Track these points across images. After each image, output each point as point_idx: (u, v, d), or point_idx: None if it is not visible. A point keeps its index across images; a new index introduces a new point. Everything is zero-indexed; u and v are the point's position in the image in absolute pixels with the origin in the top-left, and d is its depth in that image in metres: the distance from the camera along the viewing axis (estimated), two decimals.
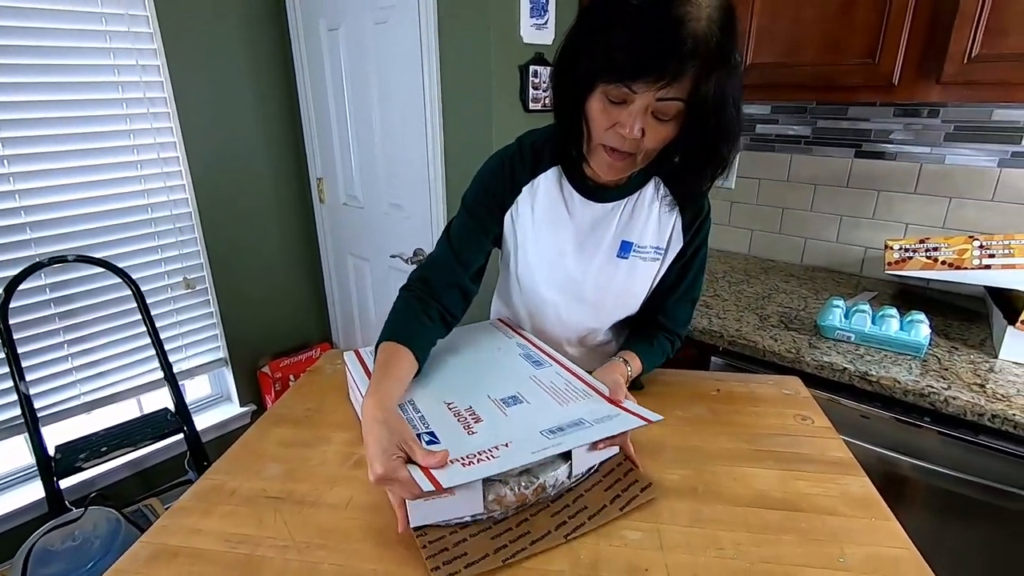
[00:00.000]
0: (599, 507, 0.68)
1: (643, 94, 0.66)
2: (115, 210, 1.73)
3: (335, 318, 2.34)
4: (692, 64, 0.63)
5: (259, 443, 0.84)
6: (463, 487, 0.60)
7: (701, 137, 0.70)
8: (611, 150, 0.73)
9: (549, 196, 0.86)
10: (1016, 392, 1.03)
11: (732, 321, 1.34)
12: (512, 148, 0.88)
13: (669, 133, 0.70)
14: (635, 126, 0.68)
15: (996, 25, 1.09)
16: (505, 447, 0.63)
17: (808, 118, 1.66)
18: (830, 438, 0.85)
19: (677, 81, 0.64)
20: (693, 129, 0.69)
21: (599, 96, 0.69)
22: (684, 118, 0.68)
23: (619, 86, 0.66)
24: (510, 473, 0.64)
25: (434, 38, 1.52)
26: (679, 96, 0.65)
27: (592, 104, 0.71)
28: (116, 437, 1.59)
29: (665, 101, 0.66)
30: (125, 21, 1.63)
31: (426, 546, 0.60)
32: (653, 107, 0.67)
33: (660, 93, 0.65)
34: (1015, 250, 1.16)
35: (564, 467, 0.67)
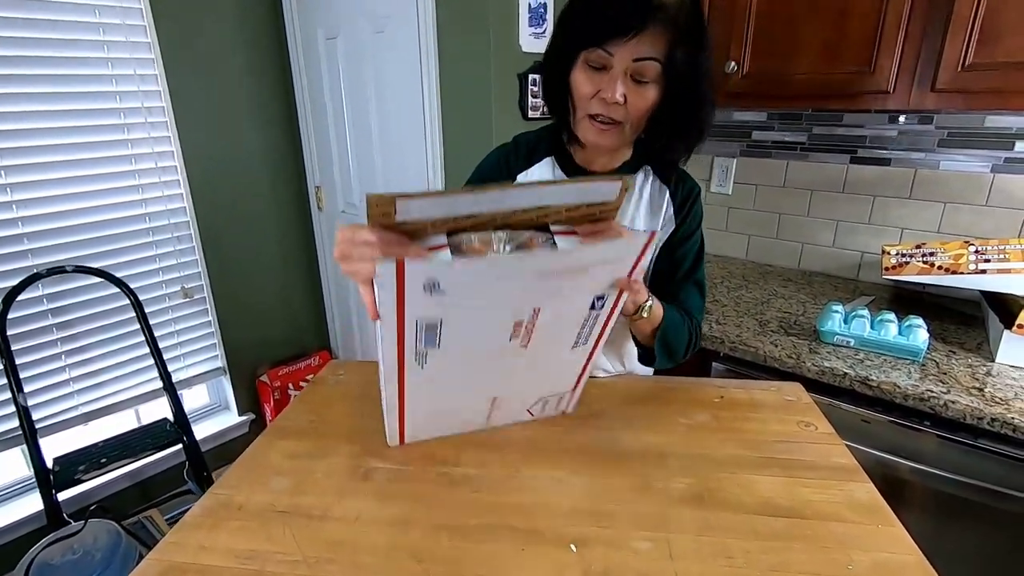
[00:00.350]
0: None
1: (620, 55, 0.70)
2: (113, 220, 1.72)
3: (334, 326, 2.34)
4: (660, 19, 0.68)
5: (265, 456, 0.83)
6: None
7: (681, 103, 0.74)
8: (597, 119, 0.76)
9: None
10: (1014, 396, 1.04)
11: (732, 327, 1.34)
12: (508, 144, 0.93)
13: (651, 96, 0.74)
14: (617, 89, 0.72)
15: (989, 34, 1.11)
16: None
17: (804, 125, 1.68)
18: (833, 444, 0.85)
19: (648, 36, 0.69)
20: (672, 95, 0.74)
21: (581, 66, 0.74)
22: (663, 84, 0.73)
23: (596, 50, 0.71)
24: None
25: (433, 47, 1.52)
26: (653, 55, 0.70)
27: (576, 75, 0.75)
28: (115, 448, 1.58)
29: (641, 61, 0.70)
30: (123, 30, 1.63)
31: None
32: (631, 69, 0.71)
33: (635, 52, 0.70)
34: (1010, 255, 1.18)
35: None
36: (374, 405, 0.95)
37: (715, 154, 1.86)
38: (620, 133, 0.78)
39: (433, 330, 0.61)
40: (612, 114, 0.75)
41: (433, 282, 0.55)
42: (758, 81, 1.43)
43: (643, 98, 0.73)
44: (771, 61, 1.39)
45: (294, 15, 1.90)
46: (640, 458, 0.81)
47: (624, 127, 0.77)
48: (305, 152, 2.10)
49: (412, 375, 0.68)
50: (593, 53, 0.72)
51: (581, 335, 0.72)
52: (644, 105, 0.74)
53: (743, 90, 1.45)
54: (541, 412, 0.85)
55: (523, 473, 0.78)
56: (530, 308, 0.64)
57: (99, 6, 1.58)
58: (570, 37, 0.75)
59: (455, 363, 0.68)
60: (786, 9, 1.34)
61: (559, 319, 0.68)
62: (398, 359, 0.64)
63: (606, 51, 0.71)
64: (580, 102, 0.77)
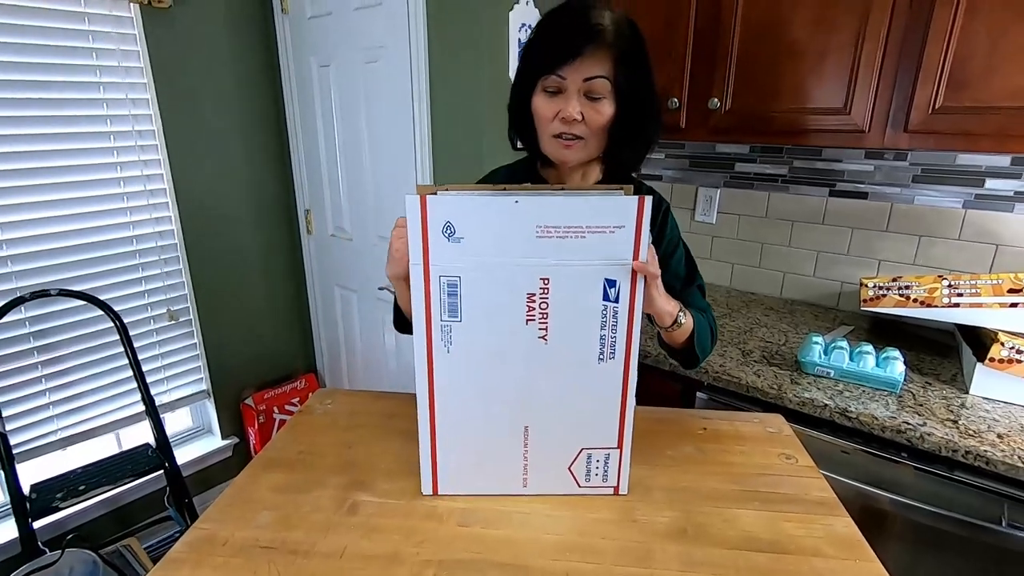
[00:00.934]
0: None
1: (571, 77, 0.79)
2: (100, 242, 1.71)
3: (320, 349, 2.33)
4: (602, 41, 0.78)
5: (250, 489, 0.83)
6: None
7: (632, 115, 0.83)
8: (561, 137, 0.84)
9: None
10: (987, 428, 1.07)
11: (716, 356, 1.37)
12: (496, 170, 1.03)
13: (606, 111, 0.82)
14: (573, 107, 0.80)
15: (957, 80, 1.16)
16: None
17: (785, 158, 1.73)
18: (813, 477, 0.87)
19: (594, 57, 0.78)
20: (624, 107, 0.82)
21: (540, 93, 0.83)
22: (615, 99, 0.81)
23: (550, 76, 0.80)
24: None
25: (424, 78, 1.56)
26: (602, 73, 0.79)
27: (536, 101, 0.84)
28: (94, 475, 1.55)
29: (591, 80, 0.79)
30: (116, 56, 1.64)
31: None
32: (584, 88, 0.80)
33: (584, 72, 0.79)
34: (981, 289, 1.22)
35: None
36: (362, 435, 0.96)
37: (700, 184, 1.91)
38: (584, 147, 0.85)
39: (455, 292, 0.69)
40: (573, 131, 0.83)
41: (449, 224, 0.66)
42: (740, 118, 1.47)
43: (599, 113, 0.81)
44: (752, 99, 1.44)
45: (287, 42, 1.92)
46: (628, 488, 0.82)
47: (587, 141, 0.84)
48: (295, 176, 2.11)
49: (440, 360, 0.72)
50: (548, 79, 0.81)
51: (604, 340, 0.72)
52: (601, 120, 0.82)
53: (726, 126, 1.50)
54: (587, 478, 0.80)
55: (510, 507, 0.78)
56: (537, 276, 0.68)
57: (94, 32, 1.59)
58: (529, 68, 0.84)
59: (479, 348, 0.72)
60: (766, 50, 1.39)
61: (572, 304, 0.70)
62: (427, 335, 0.71)
63: (559, 75, 0.80)
64: (543, 125, 0.85)
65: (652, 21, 1.52)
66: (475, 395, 0.75)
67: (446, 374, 0.73)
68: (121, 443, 1.93)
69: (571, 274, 0.68)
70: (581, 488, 0.81)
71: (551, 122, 0.83)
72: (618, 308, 0.70)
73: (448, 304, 0.70)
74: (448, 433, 0.77)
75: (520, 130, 0.92)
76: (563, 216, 0.66)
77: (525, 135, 0.91)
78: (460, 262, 0.68)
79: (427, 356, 0.72)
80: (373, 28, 1.64)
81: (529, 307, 0.70)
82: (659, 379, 1.39)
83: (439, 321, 0.70)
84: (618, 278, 0.69)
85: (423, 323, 0.71)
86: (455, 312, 0.70)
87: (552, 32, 0.81)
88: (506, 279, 0.69)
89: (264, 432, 2.10)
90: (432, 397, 0.74)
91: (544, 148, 0.88)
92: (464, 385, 0.74)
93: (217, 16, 1.82)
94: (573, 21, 0.80)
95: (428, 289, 0.69)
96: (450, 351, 0.72)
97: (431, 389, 0.74)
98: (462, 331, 0.71)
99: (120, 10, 1.62)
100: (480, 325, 0.71)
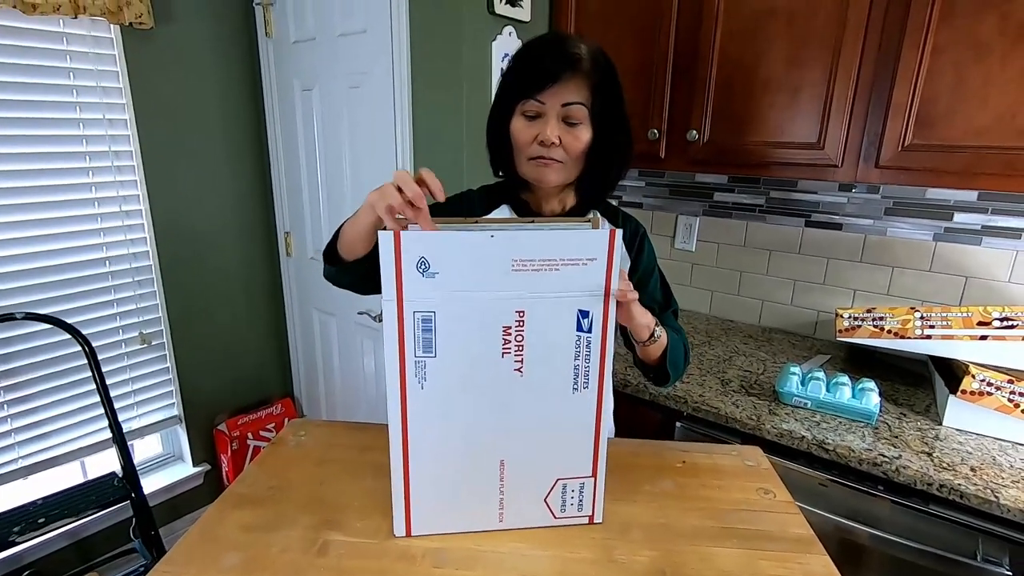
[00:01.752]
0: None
1: (550, 102, 0.81)
2: (71, 263, 1.67)
3: (298, 373, 2.29)
4: (580, 69, 0.80)
5: (217, 527, 0.80)
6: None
7: (608, 142, 0.86)
8: (539, 160, 0.85)
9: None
10: (960, 460, 1.08)
11: (695, 386, 1.37)
12: (475, 189, 1.03)
13: (583, 136, 0.84)
14: (552, 130, 0.82)
15: (925, 120, 1.20)
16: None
17: (761, 188, 1.76)
18: (791, 513, 0.87)
19: (572, 84, 0.81)
20: (601, 133, 0.85)
21: (518, 117, 0.85)
22: (592, 126, 0.84)
23: (529, 100, 0.82)
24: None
25: (407, 105, 1.56)
26: (580, 100, 0.82)
27: (514, 125, 0.86)
28: (55, 507, 1.49)
29: (569, 105, 0.81)
30: (93, 76, 1.62)
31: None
32: (562, 114, 0.82)
33: (563, 97, 0.81)
34: (952, 322, 1.25)
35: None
36: (335, 469, 0.94)
37: (679, 212, 1.94)
38: (562, 169, 0.86)
39: (429, 328, 0.68)
40: (551, 155, 0.84)
41: (424, 260, 0.65)
42: (718, 149, 1.50)
43: (577, 138, 0.84)
44: (730, 132, 1.47)
45: (271, 65, 1.92)
46: (604, 529, 0.81)
47: (565, 165, 0.86)
48: (276, 198, 2.10)
49: (414, 397, 0.70)
50: (527, 103, 0.83)
51: (578, 370, 0.73)
52: (579, 145, 0.84)
53: (704, 157, 1.53)
54: (562, 508, 0.80)
55: (486, 547, 0.77)
56: (513, 310, 0.68)
57: (71, 52, 1.57)
58: (508, 93, 0.86)
59: (454, 383, 0.71)
60: (743, 83, 1.43)
61: (547, 336, 0.70)
62: (400, 372, 0.69)
63: (538, 100, 0.82)
64: (522, 148, 0.86)
65: (632, 52, 1.55)
66: (450, 432, 0.74)
67: (420, 411, 0.72)
68: (87, 471, 1.86)
69: (546, 306, 0.69)
70: (557, 519, 0.80)
71: (529, 146, 0.85)
72: (591, 338, 0.71)
73: (423, 340, 0.69)
74: (422, 472, 0.75)
75: (497, 155, 0.94)
76: (538, 250, 0.67)
77: (502, 160, 0.93)
78: (435, 296, 0.67)
79: (400, 394, 0.71)
80: (357, 54, 1.65)
81: (505, 340, 0.70)
82: (639, 409, 1.39)
83: (413, 357, 0.69)
84: (591, 308, 0.70)
85: (395, 360, 0.69)
86: (429, 348, 0.69)
87: (532, 59, 0.84)
88: (482, 313, 0.68)
89: (237, 459, 2.04)
90: (406, 436, 0.73)
91: (521, 171, 0.89)
92: (439, 422, 0.73)
93: (200, 38, 1.81)
94: (552, 49, 0.82)
95: (401, 325, 0.68)
96: (424, 387, 0.71)
97: (404, 428, 0.72)
98: (437, 366, 0.70)
99: (100, 31, 1.61)
100: (455, 360, 0.70)
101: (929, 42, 1.17)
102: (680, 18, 1.48)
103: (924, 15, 1.17)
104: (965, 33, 1.14)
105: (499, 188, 1.00)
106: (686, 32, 1.48)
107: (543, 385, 0.73)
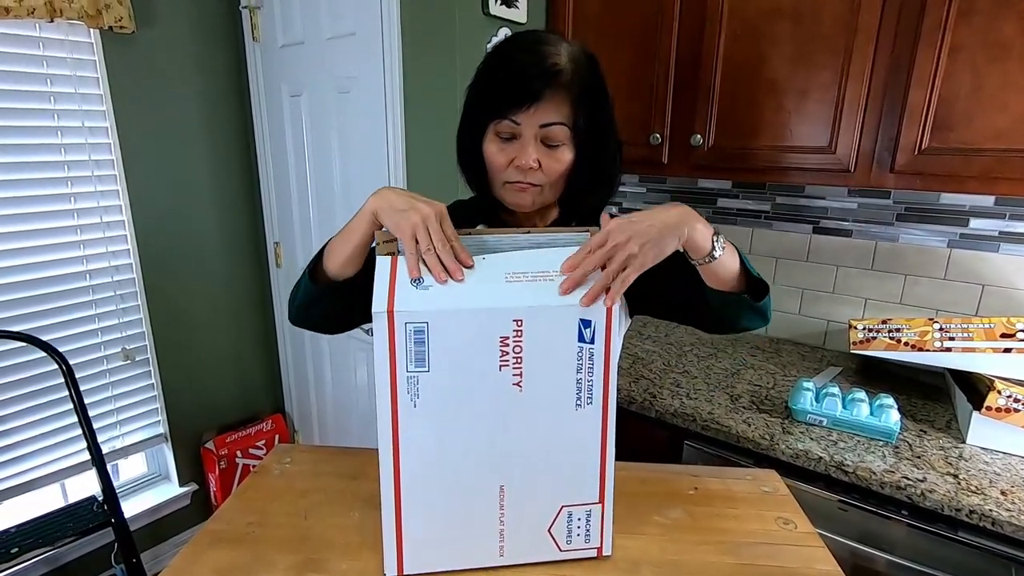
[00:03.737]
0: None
1: (526, 123, 0.72)
2: (49, 278, 1.60)
3: (289, 389, 2.21)
4: (560, 84, 0.71)
5: (191, 571, 0.73)
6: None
7: (592, 159, 0.77)
8: (516, 184, 0.77)
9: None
10: (989, 483, 1.02)
11: (704, 402, 1.31)
12: (461, 200, 0.96)
13: (564, 159, 0.75)
14: (530, 155, 0.73)
15: (943, 122, 1.14)
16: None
17: (767, 194, 1.70)
18: (815, 546, 0.80)
19: (551, 103, 0.71)
20: (584, 153, 0.76)
21: (492, 137, 0.76)
22: (574, 145, 0.75)
23: (503, 120, 0.73)
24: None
25: (399, 110, 1.50)
26: (559, 120, 0.72)
27: (488, 148, 0.77)
28: (30, 535, 1.41)
29: (548, 127, 0.72)
30: (72, 83, 1.56)
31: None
32: (541, 135, 0.73)
33: (541, 118, 0.72)
34: (974, 333, 1.19)
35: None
36: (320, 501, 0.87)
37: None
38: (540, 193, 0.78)
39: (422, 340, 0.62)
40: (530, 179, 0.76)
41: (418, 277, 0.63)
42: (724, 154, 1.44)
43: (557, 161, 0.75)
44: (735, 136, 1.42)
45: (258, 71, 1.86)
46: (611, 567, 0.74)
47: (543, 189, 0.78)
48: (264, 207, 2.03)
49: (406, 417, 0.64)
50: (501, 124, 0.74)
51: (581, 384, 0.67)
52: (560, 167, 0.76)
53: (709, 162, 1.47)
54: (568, 540, 0.73)
55: None
56: (510, 319, 0.63)
57: (48, 57, 1.51)
58: (477, 110, 0.77)
59: (449, 399, 0.65)
60: (749, 88, 1.37)
61: (547, 346, 0.64)
62: (391, 389, 0.63)
63: (512, 121, 0.73)
64: (496, 172, 0.78)
65: (633, 54, 1.49)
66: (446, 454, 0.67)
67: (413, 432, 0.65)
68: (67, 494, 1.78)
69: (546, 315, 0.63)
70: (562, 552, 0.73)
71: (504, 170, 0.77)
72: (594, 350, 0.65)
73: (415, 353, 0.62)
74: (415, 501, 0.68)
75: (470, 174, 0.85)
76: (533, 264, 0.65)
77: (475, 179, 0.84)
78: (427, 307, 0.62)
79: (391, 413, 0.64)
80: (346, 58, 1.59)
81: (503, 351, 0.64)
82: (644, 427, 1.32)
83: (404, 373, 0.63)
84: (593, 318, 0.64)
85: (387, 377, 0.63)
86: (422, 362, 0.63)
87: (504, 72, 0.73)
88: (478, 323, 0.63)
89: (226, 478, 1.97)
90: (397, 460, 0.66)
91: (497, 194, 0.81)
92: (433, 443, 0.66)
93: (184, 43, 1.75)
94: (527, 59, 0.72)
95: (393, 339, 0.61)
96: (417, 405, 0.64)
97: (396, 451, 0.66)
98: (430, 382, 0.64)
99: (78, 35, 1.54)
100: (450, 374, 0.64)
101: (946, 42, 1.12)
102: (683, 18, 1.43)
103: (940, 14, 1.11)
104: (983, 32, 1.09)
105: (474, 205, 0.92)
106: (689, 32, 1.42)
107: (544, 401, 0.67)
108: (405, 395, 0.64)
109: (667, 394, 1.34)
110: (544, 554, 0.73)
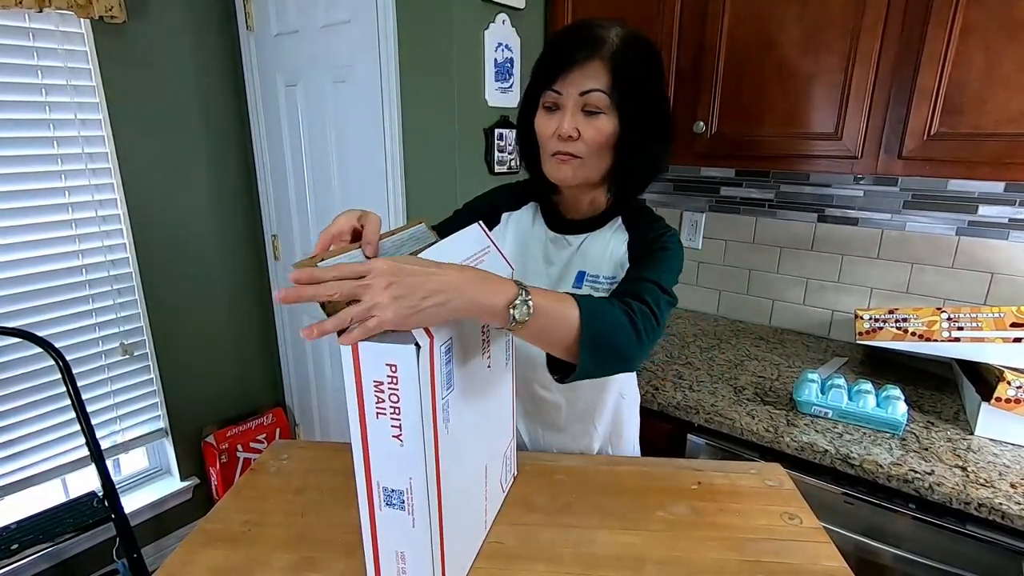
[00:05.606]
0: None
1: (567, 91, 0.76)
2: (44, 273, 1.58)
3: (289, 382, 2.20)
4: (600, 53, 0.74)
5: (185, 571, 0.72)
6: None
7: (635, 134, 0.77)
8: (558, 154, 0.79)
9: (521, 225, 0.94)
10: (998, 475, 1.00)
11: (707, 394, 1.29)
12: (511, 183, 1.00)
13: (605, 127, 0.77)
14: (569, 122, 0.76)
15: (953, 106, 1.11)
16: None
17: (771, 182, 1.67)
18: (821, 542, 0.79)
19: (591, 69, 0.74)
20: (626, 126, 0.77)
21: (540, 111, 0.80)
22: (617, 115, 0.76)
23: (548, 91, 0.78)
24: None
25: (396, 99, 1.47)
26: (598, 87, 0.74)
27: (538, 120, 0.81)
28: (30, 531, 1.41)
29: (588, 93, 0.75)
30: (63, 74, 1.53)
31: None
32: (582, 103, 0.76)
33: (580, 85, 0.75)
34: (983, 323, 1.16)
35: None
36: (317, 499, 0.86)
37: (684, 209, 1.85)
38: (581, 165, 0.80)
39: (450, 360, 0.59)
40: (569, 149, 0.78)
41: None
42: (727, 142, 1.41)
43: (597, 129, 0.77)
44: (739, 123, 1.38)
45: (253, 60, 1.83)
46: (615, 564, 0.73)
47: (584, 160, 0.79)
48: (261, 200, 2.01)
49: (444, 443, 0.59)
50: (547, 96, 0.78)
51: (509, 345, 0.76)
52: (599, 136, 0.77)
53: (711, 150, 1.44)
54: (503, 480, 0.81)
55: None
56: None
57: (39, 48, 1.48)
58: (532, 86, 0.82)
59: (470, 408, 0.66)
60: (752, 73, 1.33)
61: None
62: (433, 422, 0.55)
63: (555, 91, 0.77)
64: (543, 143, 0.81)
65: None
66: (470, 462, 0.68)
67: (450, 457, 0.61)
68: (68, 489, 1.78)
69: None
70: (504, 492, 0.82)
71: (549, 140, 0.80)
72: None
73: (446, 374, 0.58)
74: (454, 523, 0.64)
75: (526, 154, 0.89)
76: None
77: (528, 158, 0.88)
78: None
79: (434, 445, 0.57)
80: (342, 46, 1.56)
81: (484, 335, 0.67)
82: (647, 420, 1.30)
83: (440, 400, 0.57)
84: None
85: (429, 411, 0.55)
86: (450, 381, 0.59)
87: (552, 46, 0.79)
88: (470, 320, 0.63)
89: (227, 472, 1.96)
90: (440, 490, 0.59)
91: (544, 169, 0.84)
92: (462, 458, 0.65)
93: (177, 32, 1.72)
94: (574, 35, 0.77)
95: (433, 366, 0.54)
96: (449, 429, 0.60)
97: (439, 481, 0.59)
98: (455, 399, 0.61)
99: (69, 26, 1.52)
100: (465, 383, 0.63)
101: (958, 21, 1.08)
102: (685, 1, 1.39)
103: None
104: (997, 12, 1.05)
105: (520, 189, 0.97)
106: (691, 16, 1.39)
107: (497, 371, 0.72)
108: (442, 423, 0.58)
109: (670, 386, 1.33)
110: (498, 503, 0.80)
